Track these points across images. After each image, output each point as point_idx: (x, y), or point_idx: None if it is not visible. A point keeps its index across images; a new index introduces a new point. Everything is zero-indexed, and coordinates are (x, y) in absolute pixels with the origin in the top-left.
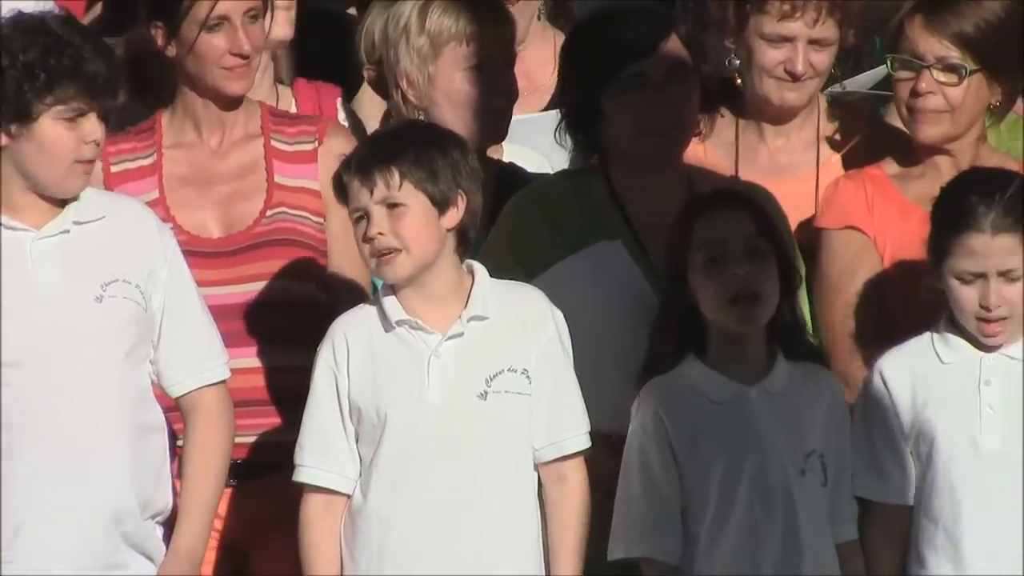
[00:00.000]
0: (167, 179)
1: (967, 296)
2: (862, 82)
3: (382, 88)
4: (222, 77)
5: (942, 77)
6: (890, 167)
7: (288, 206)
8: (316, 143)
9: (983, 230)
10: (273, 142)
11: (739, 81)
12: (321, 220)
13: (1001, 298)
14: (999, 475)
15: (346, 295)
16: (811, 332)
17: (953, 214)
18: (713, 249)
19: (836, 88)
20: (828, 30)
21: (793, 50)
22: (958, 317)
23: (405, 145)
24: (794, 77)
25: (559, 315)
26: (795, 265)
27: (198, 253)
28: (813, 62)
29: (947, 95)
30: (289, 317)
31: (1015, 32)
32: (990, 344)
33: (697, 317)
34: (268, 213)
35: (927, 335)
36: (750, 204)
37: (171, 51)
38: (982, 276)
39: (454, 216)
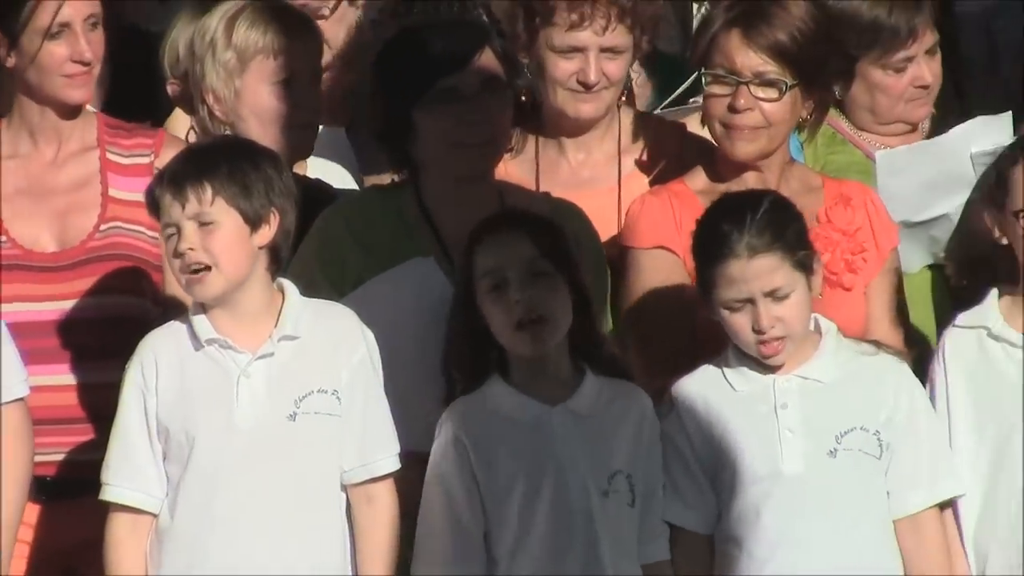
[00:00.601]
0: (3, 190)
1: (740, 323)
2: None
3: (187, 103)
4: (63, 85)
5: (760, 92)
6: (695, 183)
7: (123, 220)
8: (152, 156)
9: (739, 255)
10: (109, 154)
11: (523, 97)
12: (156, 235)
13: (772, 318)
14: (803, 498)
15: (181, 310)
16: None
17: (708, 245)
18: (494, 276)
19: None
20: (619, 37)
21: (585, 60)
22: (737, 344)
23: (219, 160)
24: (587, 87)
25: (370, 335)
26: (585, 282)
27: (32, 268)
28: (606, 71)
29: (764, 111)
30: (121, 332)
31: (823, 42)
32: (774, 363)
33: (493, 343)
34: (102, 227)
35: (717, 364)
36: (532, 225)
37: (10, 61)
38: (749, 301)
39: (266, 234)
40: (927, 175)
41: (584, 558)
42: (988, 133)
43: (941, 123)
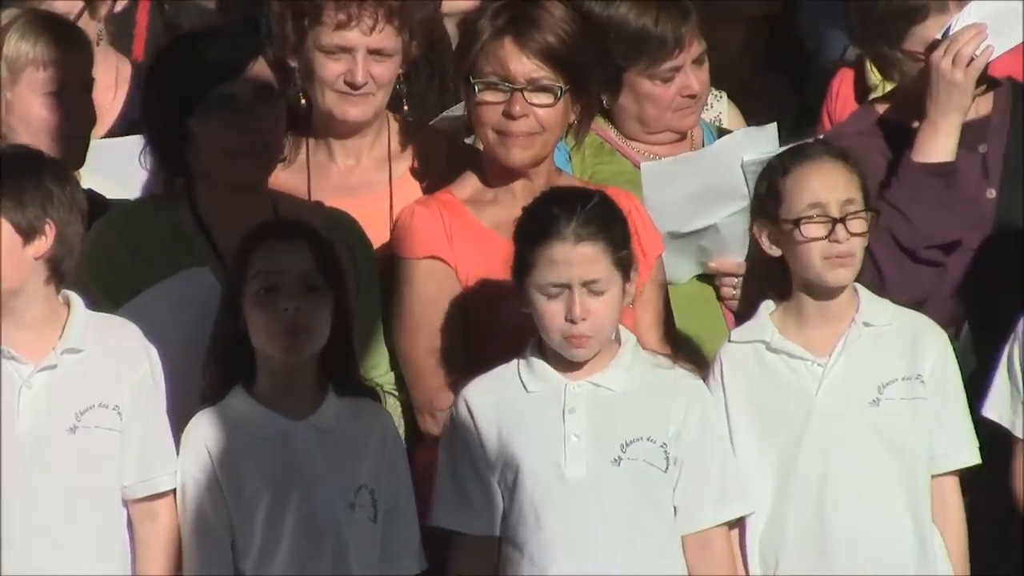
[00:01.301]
0: None
1: (552, 311)
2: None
3: None
4: None
5: (534, 98)
6: (463, 191)
7: None
8: None
9: (565, 239)
10: None
11: (303, 101)
12: None
13: (585, 310)
14: (584, 505)
15: None
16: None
17: (536, 227)
18: (267, 279)
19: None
20: (387, 39)
21: (352, 61)
22: (544, 336)
23: None
24: (355, 88)
25: (154, 352)
26: (349, 306)
27: None
28: (374, 73)
29: (539, 117)
30: None
31: (588, 46)
32: (576, 359)
33: (249, 348)
34: None
35: (514, 363)
36: (313, 237)
37: None
38: (566, 287)
39: (41, 245)
40: (693, 186)
41: (333, 571)
42: (754, 144)
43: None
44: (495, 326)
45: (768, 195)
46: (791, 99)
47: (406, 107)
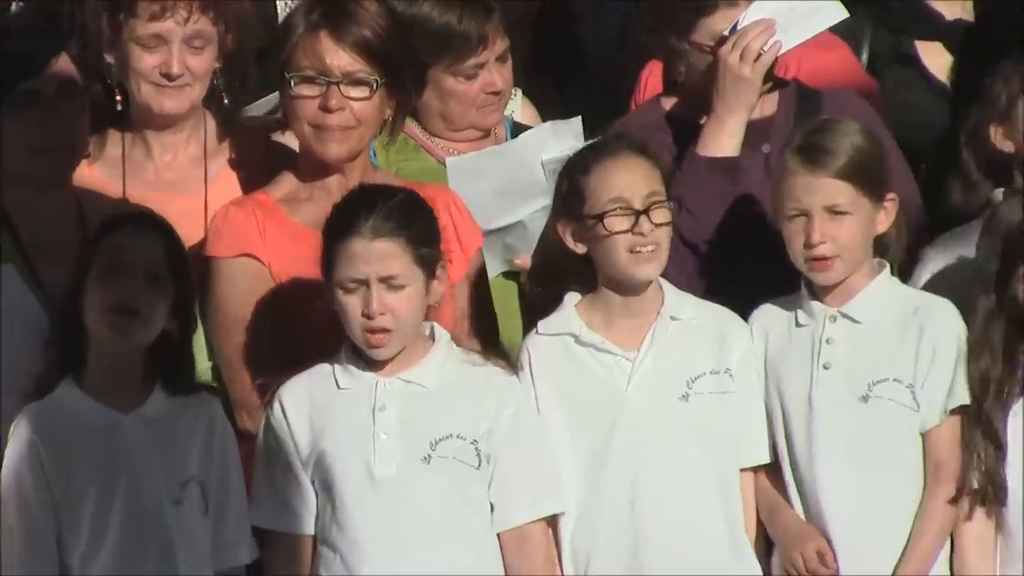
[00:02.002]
0: None
1: (351, 306)
2: (262, 106)
3: None
4: None
5: (351, 92)
6: (278, 191)
7: None
8: None
9: (362, 234)
10: None
11: (117, 97)
12: None
13: (383, 305)
14: (394, 503)
15: None
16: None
17: (337, 223)
18: (112, 258)
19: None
20: (202, 29)
21: (168, 52)
22: (347, 332)
23: None
24: (170, 79)
25: None
26: (192, 299)
27: None
28: (189, 65)
29: (355, 110)
30: None
31: (404, 39)
32: (378, 357)
33: (83, 339)
34: None
35: (330, 361)
36: (168, 233)
37: None
38: (364, 283)
39: None
40: (498, 182)
41: (159, 563)
42: (558, 139)
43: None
44: (309, 323)
45: (570, 193)
46: (555, 100)
47: (223, 101)
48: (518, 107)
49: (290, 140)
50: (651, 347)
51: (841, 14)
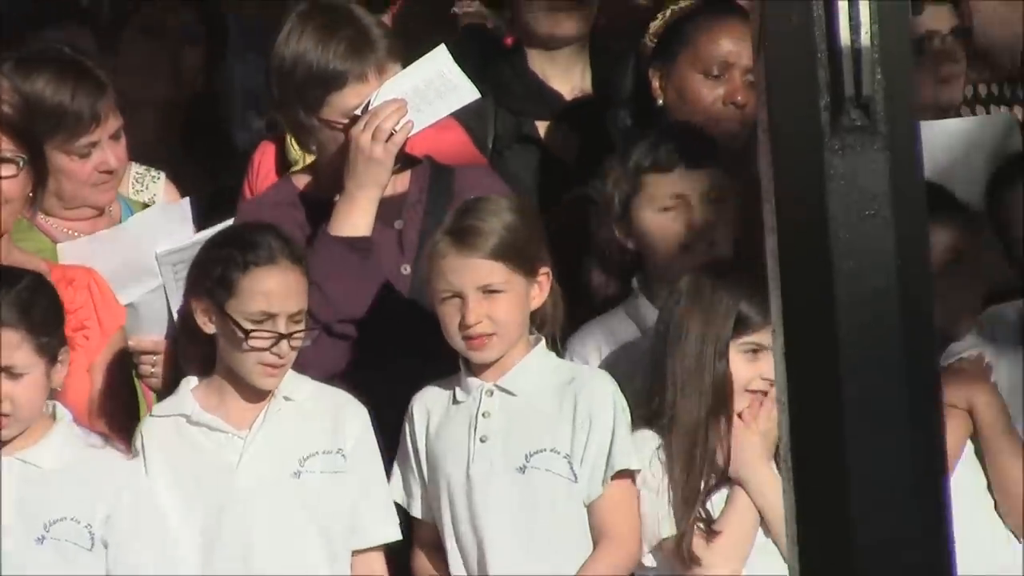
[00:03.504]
0: None
1: None
2: None
3: None
4: None
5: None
6: None
7: None
8: None
9: None
10: None
11: None
12: None
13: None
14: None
15: None
16: None
17: None
18: None
19: None
20: None
21: None
22: None
23: None
24: None
25: None
26: None
27: None
28: None
29: (3, 190)
30: None
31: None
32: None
33: None
34: None
35: None
36: None
37: None
38: None
39: None
40: (110, 265)
41: None
42: (168, 222)
43: None
44: None
45: (219, 283)
46: (206, 183)
47: None
48: (160, 190)
49: None
50: (263, 425)
51: (473, 95)
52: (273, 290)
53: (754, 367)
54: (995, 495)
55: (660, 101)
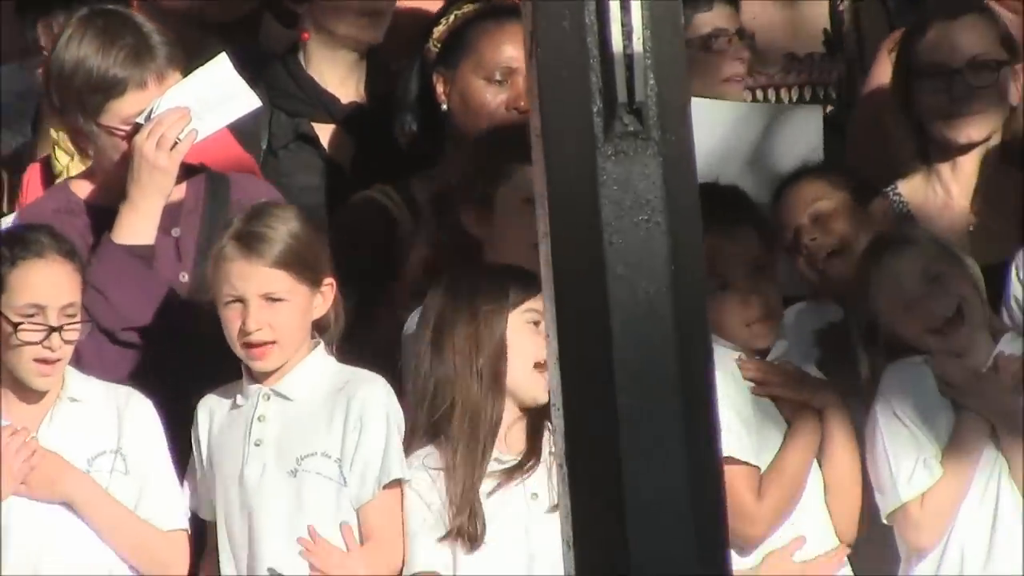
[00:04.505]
0: None
1: None
2: None
3: None
4: None
5: None
6: None
7: None
8: None
9: None
10: None
11: None
12: None
13: None
14: None
15: None
16: None
17: None
18: None
19: None
20: None
21: None
22: None
23: None
24: None
25: None
26: None
27: None
28: None
29: None
30: None
31: None
32: None
33: None
34: None
35: None
36: None
37: None
38: None
39: None
40: None
41: None
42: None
43: None
44: None
45: None
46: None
47: None
48: None
49: None
50: (51, 427)
51: (254, 102)
52: (40, 282)
53: (541, 338)
54: (829, 498)
55: (444, 106)
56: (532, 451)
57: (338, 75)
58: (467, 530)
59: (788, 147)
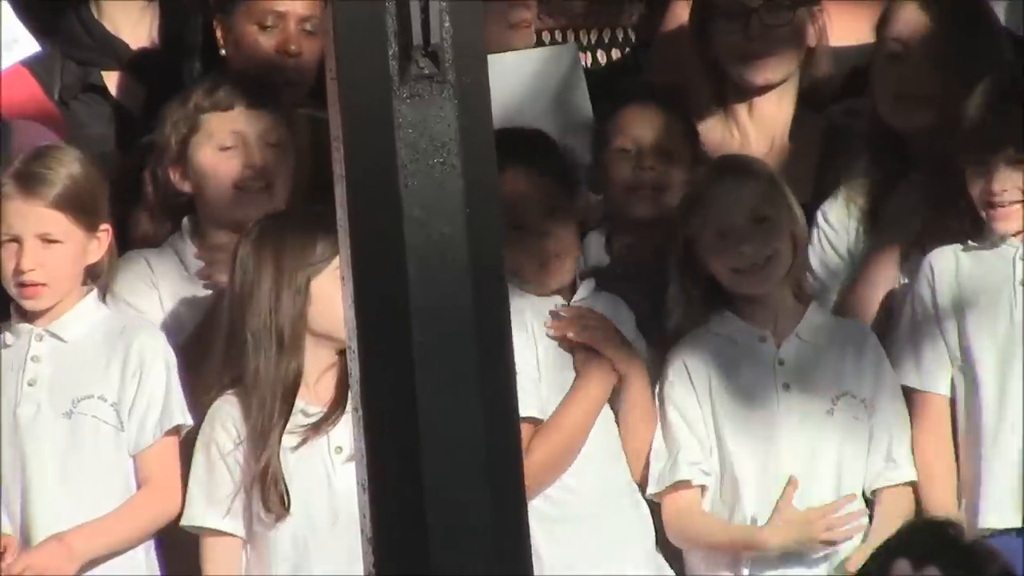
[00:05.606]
0: None
1: None
2: None
3: None
4: None
5: None
6: None
7: None
8: None
9: None
10: None
11: None
12: None
13: None
14: None
15: None
16: None
17: None
18: None
19: None
20: None
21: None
22: None
23: None
24: None
25: None
26: None
27: None
28: None
29: None
30: None
31: None
32: None
33: None
34: None
35: None
36: None
37: None
38: None
39: None
40: None
41: None
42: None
43: None
44: None
45: None
46: None
47: None
48: None
49: None
50: None
51: (33, 47)
52: None
53: None
54: (627, 452)
55: (223, 52)
56: (338, 401)
57: (130, 20)
58: (269, 499)
59: (548, 89)
